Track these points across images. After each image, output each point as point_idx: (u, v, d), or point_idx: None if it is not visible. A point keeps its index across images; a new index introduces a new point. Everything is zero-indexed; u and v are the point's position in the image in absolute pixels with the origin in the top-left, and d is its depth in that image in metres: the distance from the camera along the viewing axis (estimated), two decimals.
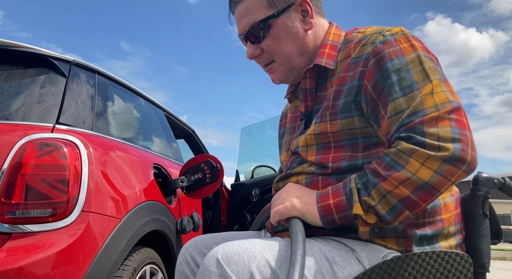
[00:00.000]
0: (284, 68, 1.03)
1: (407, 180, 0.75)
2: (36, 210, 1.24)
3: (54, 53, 1.63)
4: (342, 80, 0.93)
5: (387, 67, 0.84)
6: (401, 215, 0.77)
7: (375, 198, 0.77)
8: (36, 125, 1.41)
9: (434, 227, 0.85)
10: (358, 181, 0.81)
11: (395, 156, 0.78)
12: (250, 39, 1.02)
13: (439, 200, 0.87)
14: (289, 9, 0.99)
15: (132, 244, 1.47)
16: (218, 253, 0.76)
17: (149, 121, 2.34)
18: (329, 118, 0.92)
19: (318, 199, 0.84)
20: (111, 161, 1.55)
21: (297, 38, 1.00)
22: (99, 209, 1.36)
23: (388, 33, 0.88)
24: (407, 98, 0.81)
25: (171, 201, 1.92)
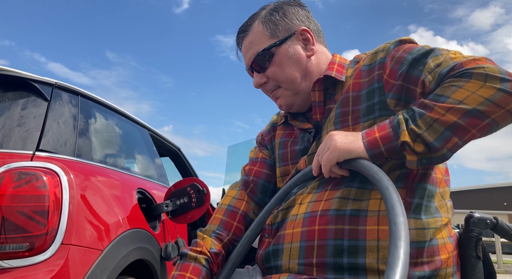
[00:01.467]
0: (289, 92, 1.05)
1: (453, 107, 0.75)
2: (12, 244, 1.19)
3: (36, 76, 1.59)
4: (357, 86, 0.95)
5: (407, 58, 0.87)
6: (449, 142, 0.76)
7: (422, 127, 0.76)
8: (15, 152, 1.36)
9: (433, 266, 0.82)
10: (405, 113, 0.80)
11: (441, 90, 0.78)
12: (255, 69, 1.06)
13: (437, 240, 0.84)
14: (290, 38, 1.04)
15: (115, 276, 1.41)
16: None
17: (134, 142, 2.30)
18: (351, 122, 0.93)
19: (363, 135, 0.83)
20: (93, 188, 1.50)
21: (300, 63, 1.04)
22: (80, 241, 1.31)
23: (398, 40, 0.94)
24: (434, 59, 0.83)
25: (155, 226, 1.87)
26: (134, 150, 2.29)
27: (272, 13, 1.05)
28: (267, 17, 1.05)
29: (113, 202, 1.57)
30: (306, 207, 0.91)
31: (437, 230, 0.84)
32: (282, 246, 0.92)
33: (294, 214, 0.93)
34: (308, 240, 0.87)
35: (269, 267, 0.96)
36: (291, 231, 0.91)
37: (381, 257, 0.80)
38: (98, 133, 1.87)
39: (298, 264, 0.88)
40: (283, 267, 0.91)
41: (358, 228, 0.83)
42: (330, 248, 0.84)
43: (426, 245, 0.82)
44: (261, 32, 1.05)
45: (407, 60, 0.87)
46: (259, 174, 1.16)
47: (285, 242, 0.92)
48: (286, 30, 1.04)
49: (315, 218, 0.88)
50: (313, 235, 0.87)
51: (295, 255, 0.89)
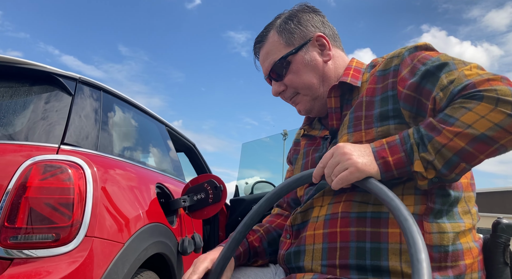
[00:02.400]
0: (307, 98, 1.07)
1: (461, 132, 0.74)
2: (39, 235, 1.22)
3: (60, 70, 1.62)
4: (371, 91, 0.96)
5: (420, 69, 0.86)
6: (457, 168, 0.76)
7: (431, 152, 0.77)
8: (41, 145, 1.39)
9: (457, 271, 0.82)
10: (416, 135, 0.80)
11: (451, 110, 0.77)
12: (273, 77, 1.08)
13: (462, 245, 0.84)
14: (306, 45, 1.05)
15: (135, 269, 1.44)
16: None
17: (153, 138, 2.32)
18: (364, 126, 0.93)
19: (376, 156, 0.82)
20: (116, 182, 1.53)
21: (317, 69, 1.04)
22: (103, 234, 1.34)
23: (413, 47, 0.92)
24: (448, 75, 0.82)
25: (173, 221, 1.90)
26: (153, 145, 2.32)
27: (287, 21, 1.06)
28: (282, 26, 1.06)
29: (133, 196, 1.60)
30: (326, 209, 0.93)
31: (460, 234, 0.84)
32: (304, 248, 0.93)
33: (315, 216, 0.95)
34: (331, 242, 0.88)
35: (291, 267, 0.97)
36: (313, 233, 0.92)
37: (404, 260, 0.81)
38: (119, 127, 1.90)
39: (321, 265, 0.89)
40: (305, 268, 0.92)
41: (380, 231, 0.84)
42: (353, 250, 0.85)
43: (450, 250, 0.82)
44: (276, 42, 1.06)
45: (420, 71, 0.86)
46: (289, 194, 1.17)
47: (307, 243, 0.93)
48: (302, 38, 1.05)
49: (336, 220, 0.89)
50: (335, 237, 0.88)
51: (317, 256, 0.90)
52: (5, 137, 1.39)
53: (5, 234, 1.18)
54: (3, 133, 1.40)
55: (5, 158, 1.32)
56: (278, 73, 1.06)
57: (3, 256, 1.17)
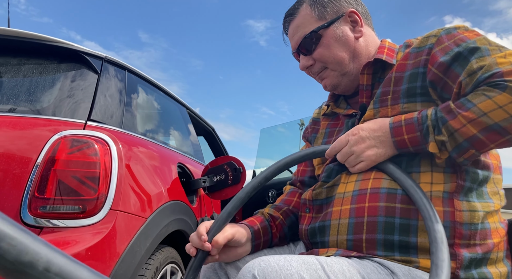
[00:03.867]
0: (336, 73, 1.05)
1: (476, 118, 0.75)
2: (66, 206, 1.26)
3: (87, 49, 1.65)
4: (401, 67, 0.95)
5: (453, 50, 0.86)
6: (466, 153, 0.78)
7: (445, 135, 0.79)
8: (68, 120, 1.43)
9: (485, 249, 0.82)
10: (433, 117, 0.81)
11: (472, 96, 0.77)
12: (302, 51, 1.06)
13: (490, 224, 0.84)
14: (338, 20, 1.03)
15: (156, 244, 1.48)
16: (254, 269, 0.73)
17: (174, 119, 2.36)
18: (390, 102, 0.93)
19: (392, 133, 0.86)
20: (139, 159, 1.56)
21: (348, 45, 1.03)
22: (127, 208, 1.37)
23: (452, 27, 0.92)
24: (478, 60, 0.81)
25: (193, 200, 1.93)
26: (174, 126, 2.35)
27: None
28: (315, 0, 1.05)
29: (156, 173, 1.63)
30: (353, 186, 0.92)
31: (489, 214, 0.85)
32: (329, 223, 0.93)
33: (341, 192, 0.94)
34: (358, 217, 0.87)
35: (314, 242, 0.97)
36: (339, 208, 0.92)
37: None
38: (142, 107, 1.93)
39: (347, 240, 0.89)
40: (330, 243, 0.92)
41: (410, 207, 0.83)
42: (381, 224, 0.84)
43: (479, 228, 0.82)
44: (308, 15, 1.04)
45: (453, 52, 0.86)
46: (304, 173, 1.20)
47: (333, 218, 0.92)
48: (334, 12, 1.03)
49: (364, 195, 0.89)
50: (362, 212, 0.87)
51: (343, 231, 0.90)
52: (34, 111, 1.43)
53: (35, 204, 1.22)
54: (32, 108, 1.45)
55: (33, 132, 1.36)
56: (308, 46, 1.05)
57: (33, 224, 1.21)
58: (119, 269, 1.28)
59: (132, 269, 1.33)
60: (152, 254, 1.50)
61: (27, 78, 1.55)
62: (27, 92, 1.50)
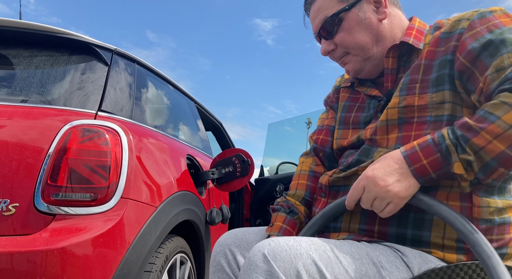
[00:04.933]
0: (358, 58, 1.01)
1: (503, 133, 0.69)
2: (78, 193, 1.28)
3: (97, 41, 1.67)
4: (431, 54, 0.90)
5: (485, 36, 0.80)
6: (494, 173, 0.72)
7: (470, 154, 0.72)
8: (79, 111, 1.45)
9: (501, 244, 0.80)
10: (451, 136, 0.74)
11: (492, 107, 0.72)
12: (323, 35, 1.02)
13: (509, 218, 0.82)
14: (360, 1, 0.98)
15: (166, 233, 1.49)
16: (264, 248, 0.74)
17: (183, 112, 2.37)
18: (418, 91, 0.89)
19: (408, 162, 0.77)
20: (149, 149, 1.58)
21: (370, 28, 0.98)
22: (137, 196, 1.39)
23: (487, 10, 0.85)
24: (511, 54, 0.75)
25: (202, 192, 1.95)
26: (183, 119, 2.37)
27: None
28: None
29: (165, 164, 1.65)
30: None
31: (508, 209, 0.83)
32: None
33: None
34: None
35: (327, 226, 0.97)
36: None
37: (447, 232, 0.80)
38: (151, 99, 1.95)
39: (359, 229, 0.88)
40: (342, 229, 0.92)
41: None
42: (395, 218, 0.83)
43: (497, 222, 0.80)
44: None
45: (484, 38, 0.80)
46: (324, 142, 1.16)
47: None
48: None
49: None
50: None
51: (356, 220, 0.89)
52: (45, 102, 1.45)
53: (48, 191, 1.25)
54: (43, 99, 1.47)
55: (45, 122, 1.38)
56: (329, 30, 1.00)
57: (47, 211, 1.23)
58: (130, 256, 1.30)
59: (143, 257, 1.35)
60: (162, 243, 1.51)
61: (39, 69, 1.57)
62: (39, 84, 1.52)
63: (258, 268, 0.73)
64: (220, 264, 1.00)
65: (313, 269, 0.73)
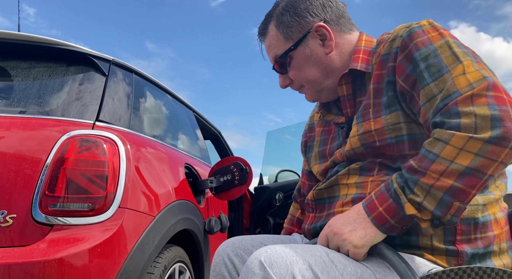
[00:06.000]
0: (312, 90, 1.05)
1: (446, 169, 0.71)
2: (76, 204, 1.28)
3: (95, 52, 1.68)
4: (378, 77, 0.92)
5: (415, 57, 0.82)
6: (451, 208, 0.72)
7: (419, 195, 0.74)
8: (77, 121, 1.45)
9: (486, 242, 0.82)
10: (399, 180, 0.77)
11: (430, 145, 0.74)
12: (278, 71, 1.07)
13: (490, 216, 0.83)
14: (305, 38, 0.99)
15: (164, 242, 1.49)
16: (261, 256, 0.75)
17: (181, 121, 2.38)
18: (372, 115, 0.91)
19: (367, 211, 0.80)
20: (147, 159, 1.58)
21: (319, 63, 1.00)
22: (135, 206, 1.39)
23: (416, 25, 0.86)
24: (438, 82, 0.78)
25: (200, 201, 1.95)
26: (181, 128, 2.38)
27: (284, 13, 1.00)
28: (279, 20, 1.01)
29: (163, 173, 1.65)
30: (355, 189, 0.93)
31: (489, 205, 0.84)
32: None
33: (344, 194, 0.95)
34: None
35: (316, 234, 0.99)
36: (341, 209, 0.93)
37: (434, 235, 0.81)
38: (149, 109, 1.96)
39: None
40: None
41: None
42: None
43: (480, 221, 0.82)
44: (275, 36, 1.02)
45: (414, 60, 0.82)
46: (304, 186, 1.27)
47: None
48: (300, 31, 0.99)
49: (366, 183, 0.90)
50: None
51: None
52: (43, 113, 1.46)
53: (45, 202, 1.25)
54: (41, 110, 1.47)
55: (43, 133, 1.39)
56: (281, 68, 1.04)
57: (44, 222, 1.23)
58: (128, 266, 1.29)
59: (141, 266, 1.35)
60: (160, 253, 1.51)
61: (37, 81, 1.58)
62: (37, 95, 1.53)
63: (255, 275, 0.74)
64: (221, 273, 1.01)
65: (309, 274, 0.74)
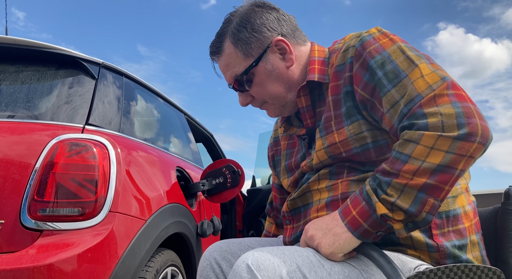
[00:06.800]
0: (276, 106, 1.03)
1: (419, 168, 0.73)
2: (66, 208, 1.27)
3: (84, 55, 1.67)
4: (335, 89, 0.92)
5: (371, 65, 0.83)
6: (426, 204, 0.73)
7: (393, 195, 0.74)
8: (66, 125, 1.44)
9: (459, 236, 0.84)
10: (372, 182, 0.79)
11: (400, 147, 0.76)
12: (238, 89, 1.03)
13: (460, 209, 0.85)
14: (265, 53, 0.98)
15: (156, 246, 1.48)
16: (248, 259, 0.75)
17: (172, 124, 2.37)
18: (335, 127, 0.91)
19: (342, 216, 0.80)
20: (138, 162, 1.57)
21: (281, 78, 0.99)
22: (126, 210, 1.38)
23: (366, 34, 0.88)
24: (398, 87, 0.79)
25: (192, 204, 1.94)
26: (173, 131, 2.37)
27: (240, 29, 0.97)
28: (236, 36, 0.98)
29: (155, 177, 1.64)
30: (327, 192, 0.93)
31: (458, 198, 0.86)
32: None
33: (317, 199, 0.95)
34: None
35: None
36: (316, 215, 0.93)
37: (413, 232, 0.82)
38: (140, 112, 1.95)
39: None
40: None
41: None
42: None
43: (451, 214, 0.84)
44: (233, 54, 0.98)
45: (371, 68, 0.84)
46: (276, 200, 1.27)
47: None
48: (259, 46, 0.97)
49: (337, 201, 0.90)
50: None
51: None
52: (32, 117, 1.45)
53: (34, 207, 1.23)
54: (30, 114, 1.46)
55: (32, 137, 1.37)
56: (242, 86, 1.01)
57: (33, 227, 1.22)
58: (119, 271, 1.28)
59: (132, 271, 1.34)
60: (152, 257, 1.50)
61: (25, 84, 1.56)
62: (26, 99, 1.51)
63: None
64: (209, 278, 1.00)
65: (297, 275, 0.74)
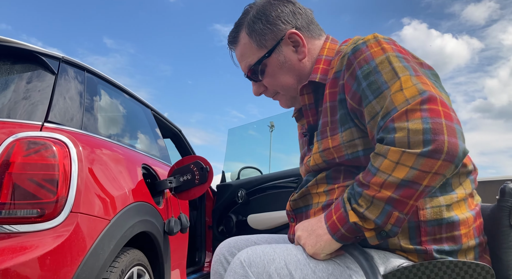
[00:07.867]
0: (287, 97, 1.08)
1: (385, 182, 0.75)
2: (23, 210, 1.21)
3: (43, 49, 1.60)
4: (332, 95, 0.94)
5: (358, 75, 0.85)
6: (391, 217, 0.76)
7: (362, 205, 0.78)
8: (24, 123, 1.38)
9: (452, 242, 0.84)
10: (349, 191, 0.83)
11: (372, 159, 0.79)
12: (251, 79, 1.08)
13: (457, 216, 0.85)
14: (279, 45, 1.02)
15: (121, 246, 1.45)
16: (241, 256, 0.84)
17: (138, 120, 2.31)
18: (329, 133, 0.94)
19: (325, 220, 0.86)
20: (100, 161, 1.53)
21: (293, 70, 1.03)
22: (88, 210, 1.34)
23: (361, 42, 0.88)
24: (379, 99, 0.81)
25: (159, 202, 1.90)
26: (139, 128, 2.31)
27: (256, 21, 1.01)
28: (251, 27, 1.02)
29: (119, 175, 1.60)
30: (325, 196, 0.96)
31: (454, 205, 0.86)
32: None
33: (316, 202, 0.98)
34: None
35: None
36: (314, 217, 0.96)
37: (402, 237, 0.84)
38: (104, 109, 1.89)
39: None
40: None
41: None
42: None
43: (445, 222, 0.83)
44: (248, 44, 1.03)
45: (358, 79, 0.85)
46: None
47: None
48: (273, 38, 1.01)
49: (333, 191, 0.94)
50: None
51: None
52: None
53: None
54: None
55: None
56: (255, 76, 1.05)
57: None
58: (81, 273, 1.24)
59: (96, 272, 1.30)
60: (116, 257, 1.46)
61: None
62: None
63: (236, 274, 0.83)
64: (219, 272, 1.09)
65: (284, 272, 0.81)
